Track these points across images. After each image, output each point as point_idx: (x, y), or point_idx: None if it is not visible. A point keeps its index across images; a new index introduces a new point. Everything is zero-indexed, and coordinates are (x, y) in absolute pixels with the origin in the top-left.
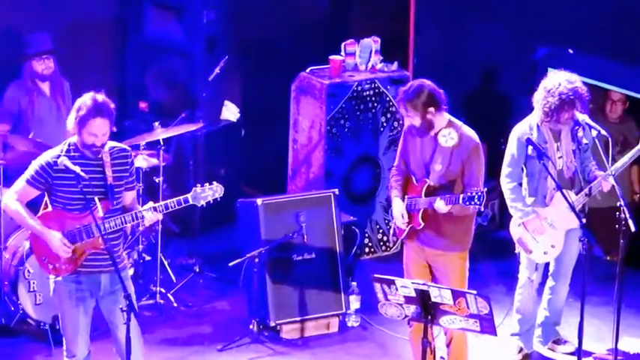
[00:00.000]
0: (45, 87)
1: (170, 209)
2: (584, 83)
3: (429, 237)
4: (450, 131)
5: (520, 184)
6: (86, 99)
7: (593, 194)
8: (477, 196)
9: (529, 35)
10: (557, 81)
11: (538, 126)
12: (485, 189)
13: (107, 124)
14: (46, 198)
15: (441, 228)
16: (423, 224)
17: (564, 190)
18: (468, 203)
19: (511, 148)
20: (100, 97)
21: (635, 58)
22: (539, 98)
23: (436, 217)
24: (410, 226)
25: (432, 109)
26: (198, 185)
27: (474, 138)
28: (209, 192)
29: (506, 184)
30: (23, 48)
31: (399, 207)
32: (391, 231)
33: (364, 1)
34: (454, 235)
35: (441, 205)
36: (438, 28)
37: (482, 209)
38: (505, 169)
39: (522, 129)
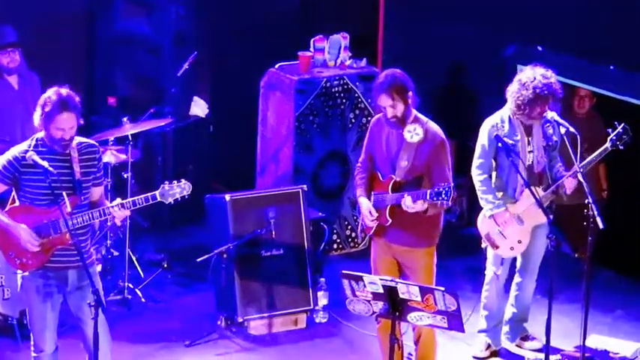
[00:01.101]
0: (13, 81)
1: (138, 206)
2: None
3: (397, 233)
4: (416, 127)
5: (490, 177)
6: (50, 94)
7: (560, 193)
8: (444, 191)
9: (498, 33)
10: (533, 75)
11: (510, 119)
12: (453, 184)
13: (73, 118)
14: (14, 193)
15: (408, 224)
16: (390, 221)
17: (532, 187)
18: (435, 199)
19: (482, 140)
20: (64, 91)
21: (602, 56)
22: (512, 90)
23: (403, 214)
24: (377, 222)
25: (410, 92)
26: (167, 182)
27: (439, 133)
28: (177, 189)
29: (477, 176)
30: None
31: (365, 204)
32: (359, 227)
33: None
34: (421, 230)
35: (408, 202)
36: (407, 24)
37: (450, 204)
38: (476, 161)
39: (493, 121)
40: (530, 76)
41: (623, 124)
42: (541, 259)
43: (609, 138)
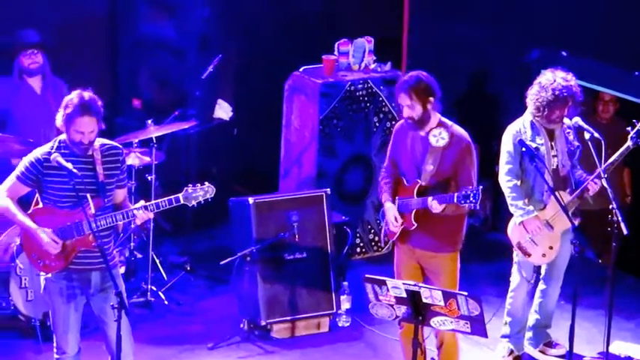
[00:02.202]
0: (35, 84)
1: (161, 208)
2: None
3: (420, 238)
4: (441, 131)
5: (518, 183)
6: (73, 96)
7: (585, 196)
8: (472, 195)
9: (522, 37)
10: (553, 78)
11: (532, 124)
12: (482, 187)
13: (94, 122)
14: (37, 195)
15: (432, 229)
16: (415, 225)
17: (558, 192)
18: (463, 202)
19: (506, 146)
20: (87, 94)
21: (627, 61)
22: (532, 93)
23: (428, 218)
24: (402, 227)
25: (432, 98)
26: (190, 185)
27: (465, 137)
28: (200, 192)
29: (505, 182)
30: (14, 43)
31: (391, 211)
32: (382, 232)
33: (358, 0)
34: (445, 235)
35: (434, 205)
36: (432, 28)
37: (478, 207)
38: (503, 167)
39: (516, 127)
40: (550, 78)
41: None
42: (566, 266)
43: (630, 136)
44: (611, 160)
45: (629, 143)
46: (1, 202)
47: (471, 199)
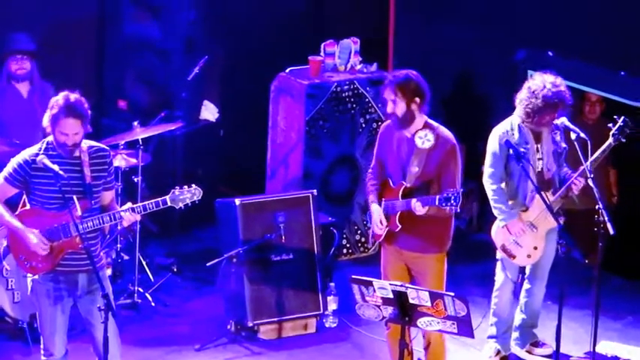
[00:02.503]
0: (22, 89)
1: (148, 210)
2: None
3: (407, 239)
4: (427, 133)
5: (502, 185)
6: (59, 98)
7: (570, 195)
8: (452, 197)
9: (508, 37)
10: (542, 83)
11: (520, 126)
12: (462, 190)
13: (78, 124)
14: (25, 197)
15: (418, 230)
16: (400, 227)
17: (543, 193)
18: (444, 204)
19: (492, 147)
20: (73, 96)
21: (613, 61)
22: (522, 98)
23: (413, 219)
24: (387, 229)
25: (418, 99)
26: (177, 187)
27: (450, 139)
28: (187, 194)
29: (489, 185)
30: (1, 47)
31: (377, 213)
32: (370, 233)
33: (344, 1)
34: (431, 236)
35: (418, 207)
36: (418, 29)
37: (459, 210)
38: (487, 170)
39: (503, 129)
40: (540, 84)
41: (623, 117)
42: (550, 265)
43: (611, 133)
44: (593, 157)
45: (610, 140)
46: None
47: (452, 201)
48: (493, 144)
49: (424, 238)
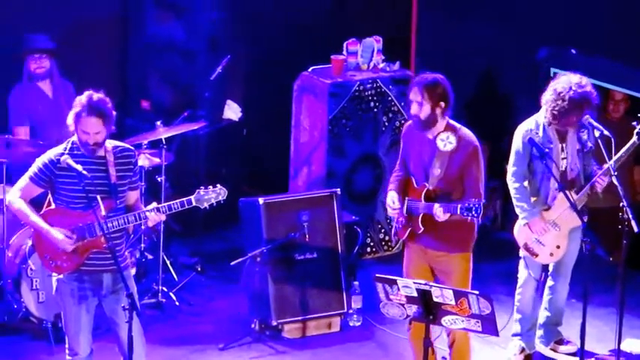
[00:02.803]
0: (46, 88)
1: (173, 210)
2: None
3: (431, 239)
4: (449, 135)
5: (524, 184)
6: (83, 97)
7: (594, 193)
8: (474, 208)
9: (531, 35)
10: (568, 84)
11: (544, 125)
12: (484, 201)
13: (100, 124)
14: (50, 196)
15: (442, 229)
16: (423, 229)
17: (567, 191)
18: (465, 214)
19: (516, 146)
20: (97, 95)
21: (637, 58)
22: (547, 100)
23: (436, 220)
24: (410, 229)
25: (443, 104)
26: (202, 187)
27: (472, 140)
28: (212, 194)
29: (512, 184)
30: (21, 47)
31: (391, 195)
32: (392, 231)
33: (366, 0)
34: (456, 236)
35: (439, 212)
36: (441, 27)
37: (480, 221)
38: (510, 168)
39: (527, 127)
40: (566, 85)
41: None
42: (574, 263)
43: (635, 131)
44: (617, 155)
45: (634, 139)
46: (15, 203)
47: (474, 212)
48: (517, 142)
49: (449, 237)
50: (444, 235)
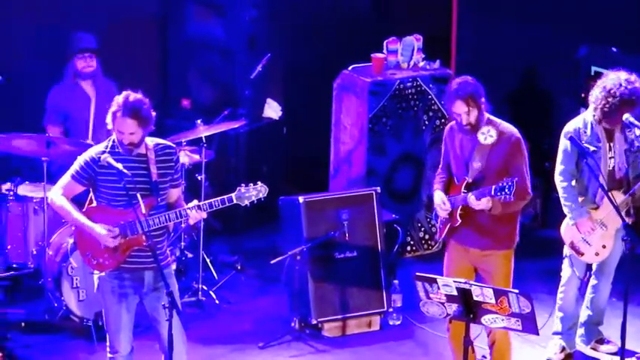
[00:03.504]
0: (88, 88)
1: (214, 208)
2: None
3: (475, 236)
4: (489, 129)
5: (572, 183)
6: (120, 96)
7: (638, 195)
8: (507, 186)
9: (571, 33)
10: (618, 81)
11: (592, 124)
12: (515, 179)
13: (134, 125)
14: (91, 194)
15: (484, 227)
16: (460, 221)
17: (611, 192)
18: (499, 194)
19: (563, 145)
20: (134, 96)
21: None
22: (597, 97)
23: (475, 215)
24: (449, 224)
25: (484, 99)
26: (243, 185)
27: (514, 133)
28: (253, 192)
29: (559, 183)
30: (68, 47)
31: (439, 195)
32: (436, 229)
33: None
34: (498, 232)
35: (472, 200)
36: (481, 25)
37: (513, 198)
38: (558, 167)
39: (575, 125)
40: (616, 82)
41: None
42: (617, 262)
43: None
44: None
45: None
46: (57, 201)
47: (506, 190)
48: (563, 141)
49: (492, 234)
50: (487, 232)
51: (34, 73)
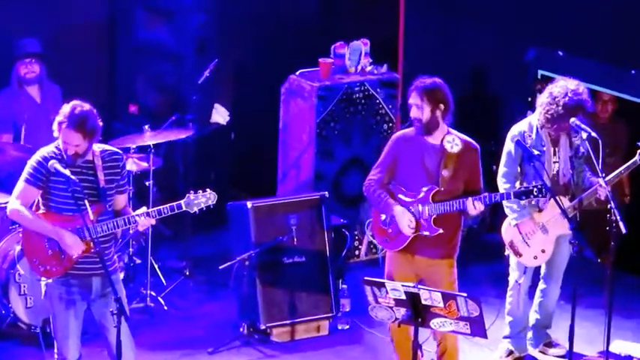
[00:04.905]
0: (34, 92)
1: (163, 215)
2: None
3: (424, 245)
4: (454, 138)
5: (515, 185)
6: (68, 107)
7: (585, 204)
8: (535, 189)
9: (518, 37)
10: (565, 90)
11: (537, 129)
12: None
13: (79, 138)
14: (39, 199)
15: (441, 235)
16: (441, 230)
17: (558, 197)
18: (524, 197)
19: (507, 148)
20: (80, 108)
21: (624, 60)
22: (543, 102)
23: (445, 224)
24: (417, 233)
25: (442, 106)
26: (192, 192)
27: (473, 142)
28: (202, 199)
29: (502, 184)
30: (12, 52)
31: (406, 214)
32: (366, 242)
33: (354, 3)
34: (445, 242)
35: (478, 205)
36: (428, 30)
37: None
38: (501, 169)
39: (520, 129)
40: (562, 90)
41: None
42: (565, 266)
43: (638, 151)
44: (616, 172)
45: (636, 158)
46: (16, 210)
47: (535, 193)
48: (509, 143)
49: (443, 244)
50: (439, 242)
51: None
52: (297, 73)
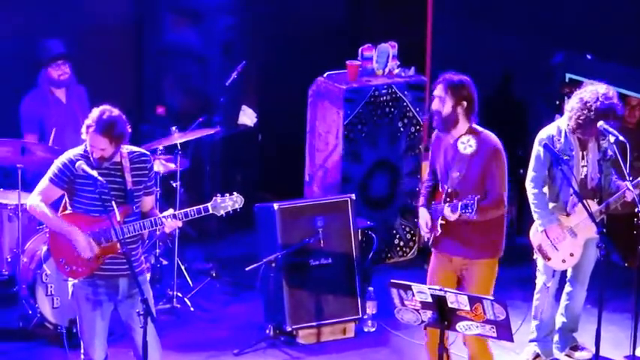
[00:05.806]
0: (61, 94)
1: (190, 217)
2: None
3: (455, 245)
4: (469, 138)
5: (543, 190)
6: (97, 111)
7: (612, 208)
8: (469, 204)
9: (546, 40)
10: (596, 95)
11: (566, 132)
12: (477, 197)
13: (106, 142)
14: (66, 199)
15: (464, 235)
16: (440, 231)
17: (585, 200)
18: (463, 211)
19: (536, 152)
20: (108, 113)
21: None
22: (573, 107)
23: (456, 225)
24: (432, 234)
25: (465, 103)
26: (219, 195)
27: (494, 143)
28: (229, 202)
29: (530, 189)
30: (38, 54)
31: (423, 216)
32: (410, 236)
33: (382, 6)
34: (479, 241)
35: (447, 212)
36: (456, 32)
37: (475, 217)
38: (530, 174)
39: (548, 132)
40: (593, 95)
41: None
42: (592, 269)
43: None
44: None
45: None
46: (37, 207)
47: (468, 208)
48: (537, 147)
49: (471, 243)
50: (466, 242)
51: (5, 80)
52: (325, 75)
